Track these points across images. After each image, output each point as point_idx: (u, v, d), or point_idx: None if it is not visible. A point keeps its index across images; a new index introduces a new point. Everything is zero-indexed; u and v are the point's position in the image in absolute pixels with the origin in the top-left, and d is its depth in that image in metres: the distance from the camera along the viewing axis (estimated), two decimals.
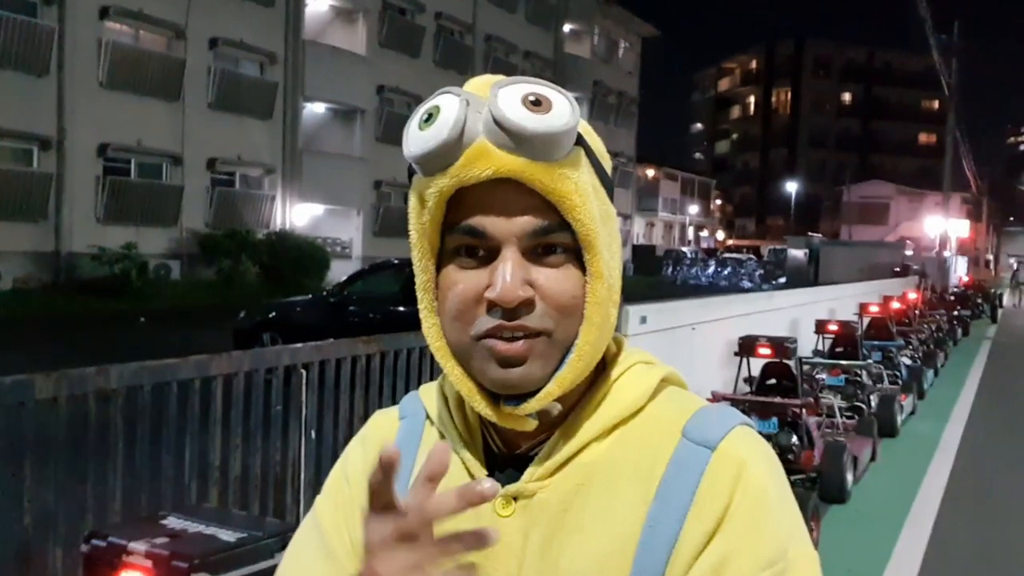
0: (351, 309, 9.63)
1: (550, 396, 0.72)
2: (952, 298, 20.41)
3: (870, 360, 8.77)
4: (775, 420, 5.49)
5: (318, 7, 24.63)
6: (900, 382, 9.07)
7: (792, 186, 61.54)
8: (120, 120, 18.74)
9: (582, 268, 0.72)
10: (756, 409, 5.53)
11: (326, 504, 0.85)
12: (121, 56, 18.91)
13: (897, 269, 28.65)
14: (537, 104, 0.68)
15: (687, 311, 6.36)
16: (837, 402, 7.10)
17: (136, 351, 3.54)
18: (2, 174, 16.80)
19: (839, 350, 8.69)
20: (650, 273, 35.26)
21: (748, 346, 6.22)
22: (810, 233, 50.60)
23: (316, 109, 24.79)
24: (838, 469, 5.59)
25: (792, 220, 59.64)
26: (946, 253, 32.82)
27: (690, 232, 57.53)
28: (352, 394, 3.65)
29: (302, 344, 3.51)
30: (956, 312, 17.70)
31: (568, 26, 36.22)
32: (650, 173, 50.82)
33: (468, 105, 0.69)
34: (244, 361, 3.21)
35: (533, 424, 0.74)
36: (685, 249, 44.31)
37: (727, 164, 78.80)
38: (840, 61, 72.68)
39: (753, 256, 40.16)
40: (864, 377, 8.08)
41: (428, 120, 0.69)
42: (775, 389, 6.02)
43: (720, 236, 67.57)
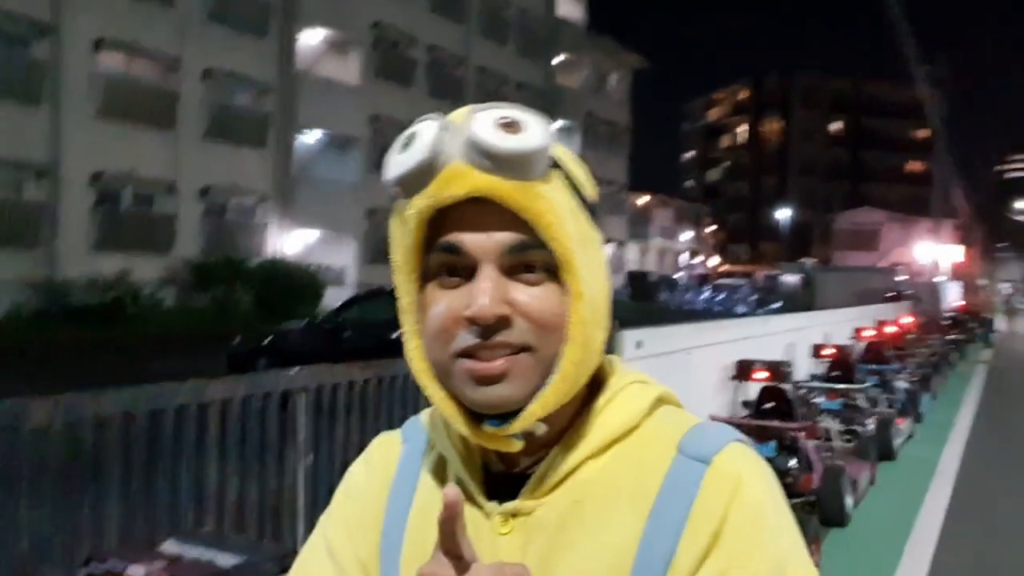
0: (345, 335, 9.62)
1: (532, 417, 0.72)
2: (947, 322, 20.48)
3: (867, 384, 8.76)
4: (773, 443, 5.46)
5: (311, 39, 24.82)
6: (897, 406, 9.06)
7: (784, 213, 61.89)
8: (114, 149, 18.79)
9: (563, 288, 0.72)
10: (754, 432, 5.50)
11: (331, 520, 0.86)
12: (115, 87, 19.03)
13: (890, 294, 28.72)
14: (511, 126, 0.69)
15: (683, 336, 6.34)
16: (835, 426, 7.09)
17: (134, 378, 3.51)
18: None
19: (835, 374, 8.67)
20: (646, 299, 35.29)
21: (744, 370, 6.22)
22: (803, 259, 50.77)
23: (310, 138, 24.89)
24: (837, 492, 5.58)
25: (784, 246, 59.91)
26: (938, 278, 32.99)
27: (684, 258, 57.66)
28: (348, 419, 3.64)
29: (298, 369, 3.49)
30: (951, 336, 17.74)
31: (559, 58, 36.50)
32: (643, 200, 51.02)
33: (445, 130, 0.70)
34: (240, 386, 3.20)
35: (519, 445, 0.73)
36: (676, 276, 44.26)
37: (719, 191, 79.19)
38: (828, 92, 73.36)
39: (746, 281, 40.23)
40: (861, 401, 8.07)
41: (407, 146, 0.71)
42: (773, 413, 6.00)
43: (714, 261, 67.73)
